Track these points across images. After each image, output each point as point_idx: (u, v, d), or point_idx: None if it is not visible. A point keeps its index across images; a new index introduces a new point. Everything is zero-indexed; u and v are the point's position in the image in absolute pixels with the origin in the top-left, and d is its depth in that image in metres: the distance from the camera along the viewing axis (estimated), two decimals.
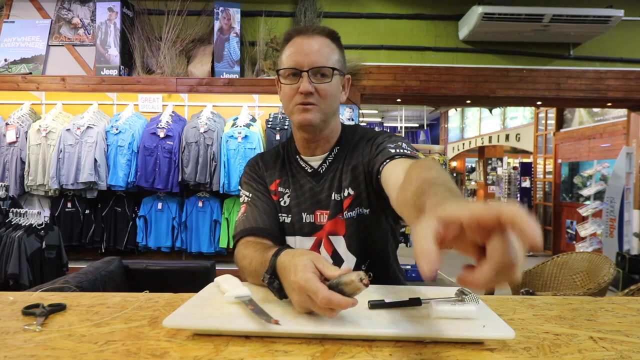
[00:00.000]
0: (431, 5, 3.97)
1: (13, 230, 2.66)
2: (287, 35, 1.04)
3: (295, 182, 1.09)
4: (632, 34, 4.01)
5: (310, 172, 1.09)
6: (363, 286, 0.63)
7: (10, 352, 0.58)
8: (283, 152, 1.15)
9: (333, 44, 1.03)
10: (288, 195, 1.08)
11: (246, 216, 1.05)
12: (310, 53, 0.98)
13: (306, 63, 0.98)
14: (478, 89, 3.93)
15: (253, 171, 1.13)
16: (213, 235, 3.65)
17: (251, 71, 3.78)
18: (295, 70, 0.98)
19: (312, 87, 0.97)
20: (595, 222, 5.38)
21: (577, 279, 2.56)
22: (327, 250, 1.05)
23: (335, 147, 1.09)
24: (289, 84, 1.00)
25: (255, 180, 1.12)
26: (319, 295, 0.62)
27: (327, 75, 0.99)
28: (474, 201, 0.46)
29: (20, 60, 3.81)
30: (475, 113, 11.13)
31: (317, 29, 1.02)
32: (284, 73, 1.01)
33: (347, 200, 1.03)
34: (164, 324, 0.63)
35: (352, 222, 1.03)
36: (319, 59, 0.98)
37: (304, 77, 0.97)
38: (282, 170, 1.12)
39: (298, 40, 1.00)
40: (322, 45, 1.00)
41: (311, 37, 1.00)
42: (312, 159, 1.09)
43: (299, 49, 0.99)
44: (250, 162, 1.17)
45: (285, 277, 0.71)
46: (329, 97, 1.00)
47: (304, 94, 0.97)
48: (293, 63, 0.98)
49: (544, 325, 0.71)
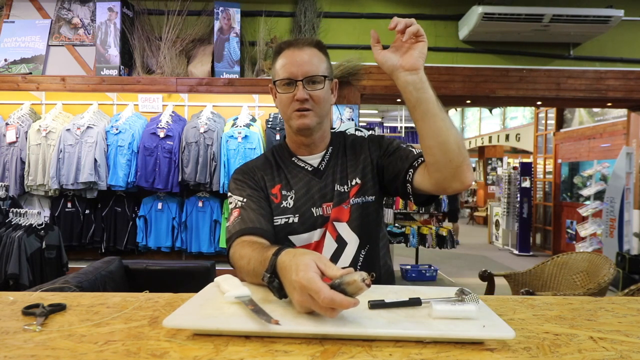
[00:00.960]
0: (431, 5, 3.97)
1: (13, 230, 2.66)
2: (278, 48, 1.14)
3: (297, 182, 1.15)
4: (632, 34, 4.01)
5: (311, 171, 1.17)
6: (365, 286, 0.63)
7: (10, 352, 0.58)
8: (273, 158, 1.21)
9: (320, 53, 1.13)
10: (292, 197, 1.13)
11: (241, 218, 1.06)
12: (303, 64, 1.08)
13: (300, 73, 1.08)
14: (478, 89, 3.93)
15: (247, 178, 1.16)
16: (213, 235, 3.65)
17: (251, 71, 3.78)
18: (290, 80, 1.08)
19: (306, 94, 1.08)
20: (595, 222, 5.38)
21: (577, 279, 2.56)
22: (332, 235, 1.12)
23: (329, 146, 1.20)
24: (285, 92, 1.10)
25: (249, 186, 1.14)
26: (321, 294, 0.63)
27: (319, 82, 1.10)
28: None
29: (20, 60, 3.81)
30: (475, 113, 11.14)
31: (306, 41, 1.13)
32: (279, 83, 1.10)
33: (354, 189, 1.14)
34: (164, 324, 0.63)
35: (357, 207, 1.13)
36: (311, 68, 1.08)
37: (298, 85, 1.08)
38: (279, 175, 1.17)
39: (289, 52, 1.10)
40: (312, 56, 1.10)
41: (301, 49, 1.10)
42: (310, 158, 1.18)
43: (291, 61, 1.09)
44: (239, 170, 1.21)
45: (286, 276, 0.71)
46: (322, 102, 1.11)
47: (300, 100, 1.07)
48: (288, 74, 1.08)
49: (544, 325, 0.71)
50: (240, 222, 1.05)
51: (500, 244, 8.04)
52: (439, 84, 3.90)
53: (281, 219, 1.11)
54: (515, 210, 7.49)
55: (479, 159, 11.89)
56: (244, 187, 1.14)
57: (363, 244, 1.13)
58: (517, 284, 2.70)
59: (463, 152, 0.95)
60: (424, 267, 5.27)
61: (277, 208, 1.12)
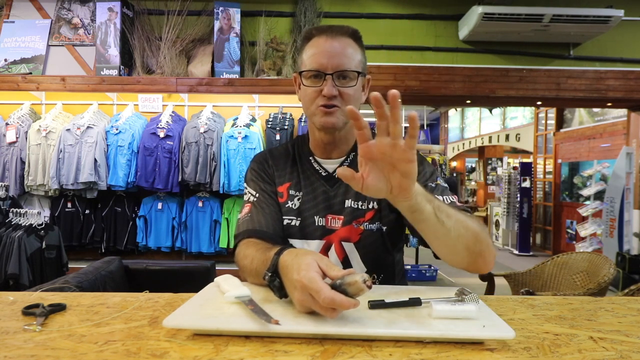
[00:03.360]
0: (431, 5, 3.97)
1: (13, 230, 2.66)
2: (308, 34, 1.01)
3: (307, 186, 1.08)
4: (632, 34, 4.01)
5: (324, 176, 1.08)
6: (366, 288, 0.63)
7: (10, 352, 0.58)
8: (293, 151, 1.13)
9: (356, 44, 1.00)
10: (299, 199, 1.07)
11: (251, 217, 1.03)
12: (335, 55, 0.96)
13: (330, 66, 0.96)
14: (478, 89, 3.93)
15: (261, 169, 1.10)
16: (213, 235, 3.65)
17: (251, 71, 3.78)
18: (319, 72, 0.97)
19: (335, 90, 0.96)
20: (595, 222, 5.38)
21: (577, 279, 2.56)
22: (338, 255, 1.04)
23: (351, 152, 1.08)
24: (312, 86, 0.98)
25: (263, 179, 1.09)
26: (322, 294, 0.62)
27: (351, 77, 0.98)
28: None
29: (20, 60, 3.81)
30: (475, 113, 11.13)
31: (341, 29, 0.99)
32: (306, 74, 0.99)
33: (370, 213, 1.03)
34: (164, 324, 0.63)
35: (370, 234, 1.03)
36: (343, 61, 0.96)
37: (327, 80, 0.96)
38: (292, 173, 1.10)
39: (320, 40, 0.98)
40: (346, 46, 0.97)
41: (335, 38, 0.97)
42: (327, 162, 1.08)
43: (322, 50, 0.97)
44: (258, 158, 1.13)
45: (288, 275, 0.70)
46: (352, 100, 0.98)
47: (327, 96, 0.96)
48: (317, 65, 0.97)
49: (544, 325, 0.71)
50: (249, 221, 1.02)
51: (500, 244, 8.04)
52: (439, 84, 3.90)
53: (284, 219, 1.07)
54: (515, 210, 7.48)
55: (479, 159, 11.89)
56: (258, 180, 1.09)
57: (370, 274, 1.02)
58: (517, 284, 2.70)
59: (477, 248, 0.82)
60: (424, 267, 5.27)
61: (282, 207, 1.07)
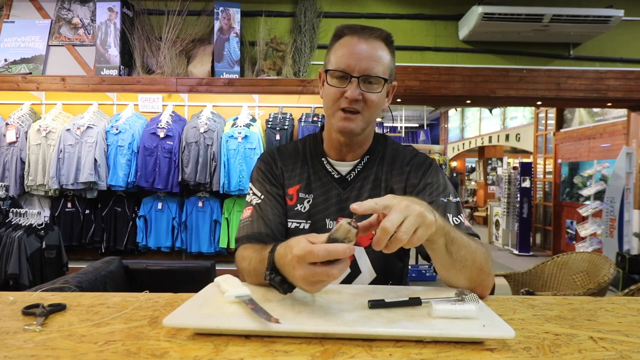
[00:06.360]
0: (431, 5, 3.97)
1: (13, 230, 2.66)
2: (339, 32, 0.98)
3: (319, 188, 1.05)
4: (632, 34, 4.01)
5: (337, 178, 1.05)
6: (353, 229, 0.66)
7: (10, 352, 0.58)
8: (304, 151, 1.10)
9: (387, 49, 0.97)
10: (309, 202, 1.04)
11: (251, 221, 1.01)
12: (364, 58, 0.93)
13: (357, 69, 0.93)
14: (478, 89, 3.93)
15: (269, 170, 1.07)
16: (213, 235, 3.65)
17: (251, 71, 3.78)
18: (345, 73, 0.94)
19: (359, 94, 0.94)
20: (595, 222, 5.38)
21: (577, 279, 2.56)
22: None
23: (365, 155, 1.06)
24: (336, 86, 0.96)
25: (269, 180, 1.06)
26: (315, 251, 0.64)
27: (377, 83, 0.95)
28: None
29: (20, 60, 3.81)
30: (475, 113, 11.13)
31: (374, 32, 0.96)
32: (332, 74, 0.96)
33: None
34: (164, 323, 0.63)
35: None
36: (372, 66, 0.93)
37: (352, 82, 0.93)
38: (302, 174, 1.07)
39: (351, 40, 0.95)
40: (376, 50, 0.95)
41: (366, 40, 0.95)
42: (340, 164, 1.06)
43: (351, 51, 0.94)
44: (266, 157, 1.10)
45: (284, 262, 0.71)
46: (375, 107, 0.97)
47: (350, 100, 0.94)
48: (344, 66, 0.94)
49: (544, 325, 0.71)
50: (250, 225, 1.01)
51: (500, 244, 8.03)
52: (438, 83, 3.90)
53: (292, 222, 1.04)
54: (515, 210, 7.48)
55: (478, 159, 11.89)
56: (264, 181, 1.06)
57: (379, 280, 1.02)
58: (517, 284, 2.70)
59: (479, 279, 0.84)
60: (424, 267, 5.27)
61: (290, 210, 1.04)
